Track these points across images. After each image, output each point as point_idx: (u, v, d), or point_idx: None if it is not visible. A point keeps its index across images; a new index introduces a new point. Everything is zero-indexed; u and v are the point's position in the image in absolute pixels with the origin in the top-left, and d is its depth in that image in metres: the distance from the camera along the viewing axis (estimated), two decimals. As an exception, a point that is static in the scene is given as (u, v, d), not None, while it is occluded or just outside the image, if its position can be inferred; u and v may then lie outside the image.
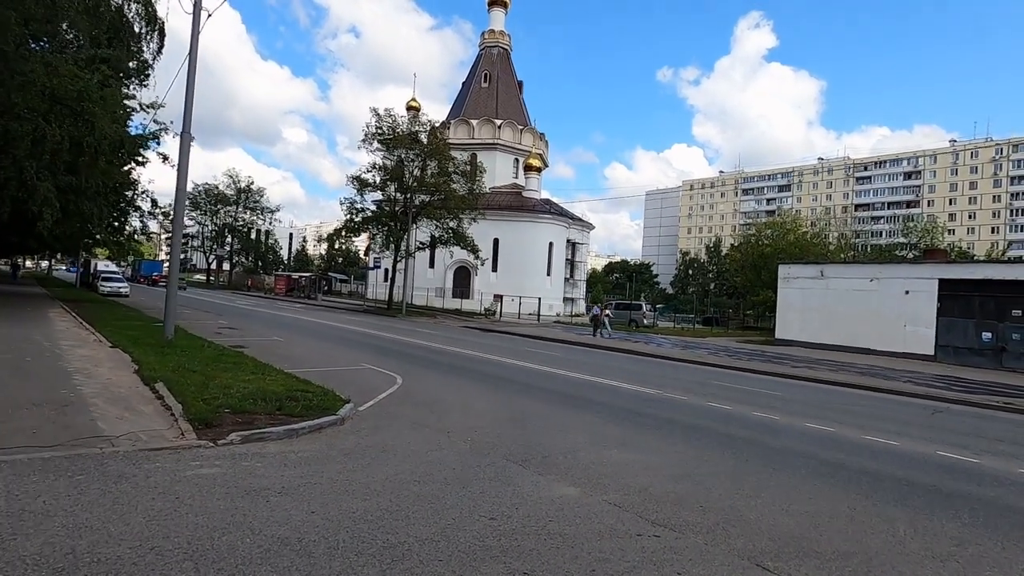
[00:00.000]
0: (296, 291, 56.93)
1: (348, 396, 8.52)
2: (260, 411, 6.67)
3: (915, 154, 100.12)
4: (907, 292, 25.66)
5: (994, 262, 28.16)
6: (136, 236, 26.74)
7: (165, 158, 21.84)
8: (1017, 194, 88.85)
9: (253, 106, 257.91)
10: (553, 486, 5.43)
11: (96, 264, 42.34)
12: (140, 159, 21.68)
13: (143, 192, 23.82)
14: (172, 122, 21.77)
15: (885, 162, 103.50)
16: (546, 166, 63.01)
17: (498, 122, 56.82)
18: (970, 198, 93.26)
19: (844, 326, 27.33)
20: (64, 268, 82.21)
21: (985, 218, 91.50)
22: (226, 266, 77.41)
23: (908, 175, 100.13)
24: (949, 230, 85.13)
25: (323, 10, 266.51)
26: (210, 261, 75.93)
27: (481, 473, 5.62)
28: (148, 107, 22.57)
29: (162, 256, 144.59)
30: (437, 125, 47.37)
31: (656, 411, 10.06)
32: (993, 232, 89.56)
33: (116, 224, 24.50)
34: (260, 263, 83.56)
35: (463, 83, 63.90)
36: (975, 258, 57.04)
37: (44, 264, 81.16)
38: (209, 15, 12.03)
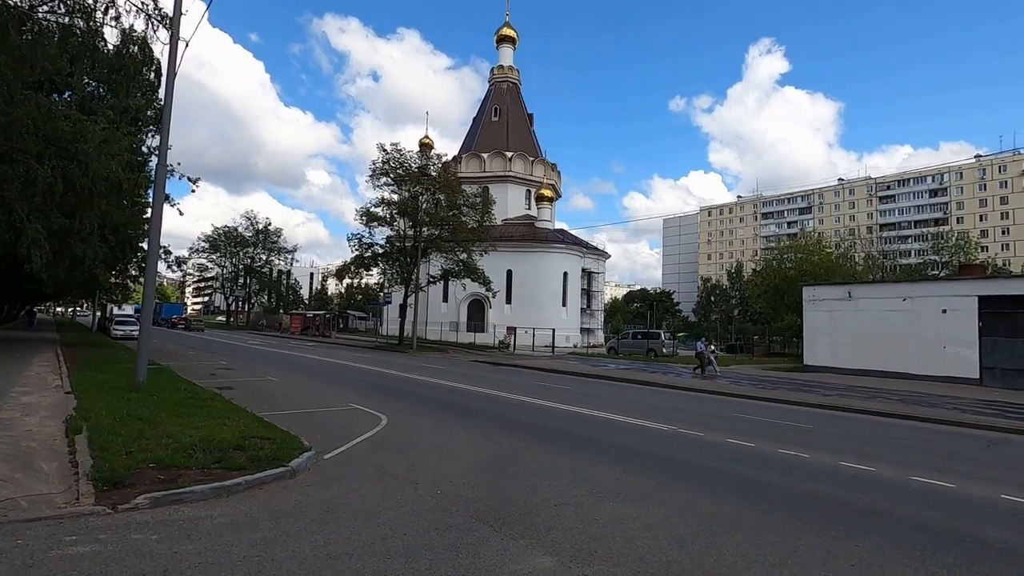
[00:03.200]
0: (311, 329, 56.68)
1: (315, 442, 7.60)
2: (194, 465, 5.76)
3: (940, 171, 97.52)
4: (944, 311, 23.95)
5: (1037, 276, 26.29)
6: (139, 279, 26.61)
7: (168, 198, 21.74)
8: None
9: (278, 151, 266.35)
10: (525, 556, 4.38)
11: (112, 309, 42.67)
12: (141, 200, 21.58)
13: (144, 233, 23.65)
14: (179, 163, 21.77)
15: (909, 180, 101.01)
16: (559, 196, 62.69)
17: (509, 154, 56.91)
18: (1002, 213, 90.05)
19: (877, 349, 25.59)
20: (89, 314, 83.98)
21: (1019, 233, 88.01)
22: (246, 307, 78.16)
23: (934, 192, 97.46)
24: (982, 247, 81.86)
25: (344, 56, 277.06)
26: (229, 302, 76.69)
27: (438, 539, 4.59)
28: (154, 150, 22.70)
29: (190, 301, 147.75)
30: (448, 159, 47.45)
31: (666, 451, 8.89)
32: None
33: (119, 267, 24.38)
34: (279, 303, 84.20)
35: (473, 118, 64.63)
36: (1012, 273, 54.27)
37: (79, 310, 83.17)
38: (187, 44, 11.74)
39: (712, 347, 25.50)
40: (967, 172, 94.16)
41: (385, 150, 36.60)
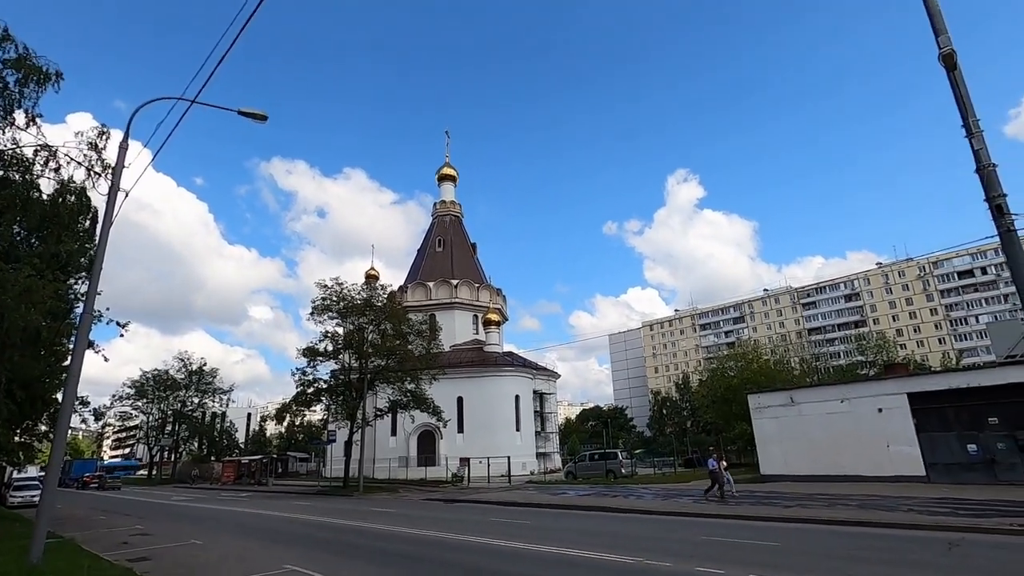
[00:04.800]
0: (245, 477, 51.98)
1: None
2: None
3: (849, 278, 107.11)
4: (880, 410, 24.91)
5: (957, 371, 28.19)
6: (49, 435, 24.06)
7: (91, 344, 20.50)
8: (951, 306, 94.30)
9: (219, 288, 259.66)
10: None
11: (11, 471, 37.80)
12: (60, 348, 20.22)
13: (61, 383, 21.86)
14: (108, 308, 20.90)
15: (824, 288, 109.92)
16: (506, 319, 63.75)
17: (454, 282, 58.36)
18: (910, 313, 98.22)
19: (827, 454, 25.91)
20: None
21: (929, 330, 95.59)
22: (172, 456, 71.17)
23: (848, 298, 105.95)
24: (900, 345, 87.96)
25: (290, 195, 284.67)
26: (154, 453, 69.79)
27: None
28: (82, 296, 21.80)
29: (108, 454, 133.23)
30: (394, 289, 47.96)
31: (635, 589, 8.28)
32: (941, 343, 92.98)
33: (26, 424, 22.09)
34: (212, 449, 77.49)
35: (419, 249, 66.76)
36: (932, 369, 57.99)
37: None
38: (126, 194, 11.86)
39: (725, 463, 22.31)
40: (872, 278, 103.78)
41: (325, 286, 36.59)
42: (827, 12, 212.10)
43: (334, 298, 36.26)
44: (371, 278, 57.83)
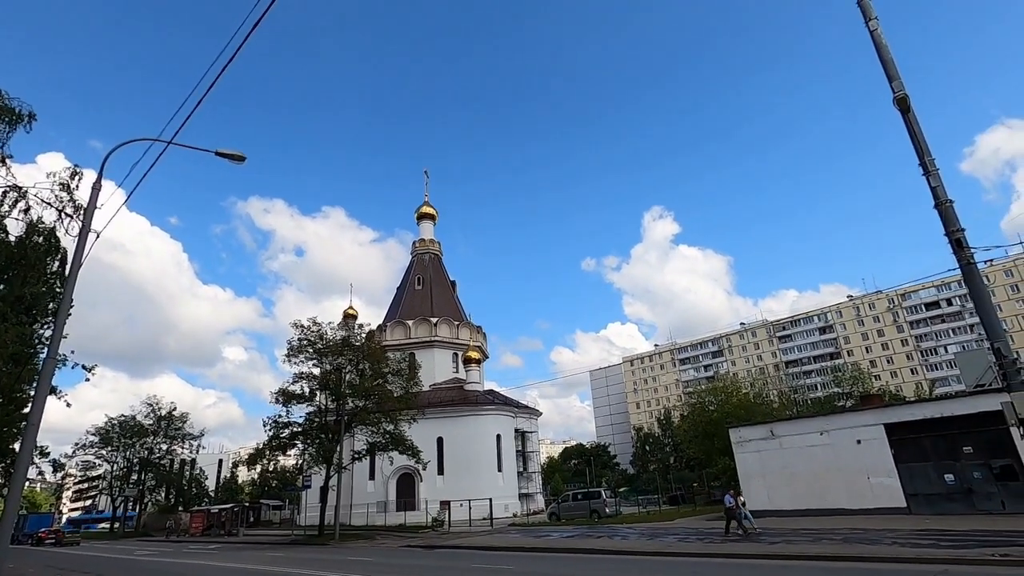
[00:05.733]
0: (215, 528, 49.57)
1: None
2: None
3: (822, 311, 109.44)
4: (859, 442, 25.10)
5: (930, 401, 28.70)
6: (4, 489, 22.82)
7: (54, 390, 19.72)
8: (920, 336, 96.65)
9: (192, 330, 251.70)
10: None
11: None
12: (20, 395, 19.41)
13: (20, 432, 20.88)
14: (73, 351, 20.20)
15: (799, 320, 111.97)
16: (486, 357, 63.29)
17: (434, 320, 58.02)
18: (882, 344, 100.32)
19: (809, 488, 25.89)
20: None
21: (902, 361, 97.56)
22: (138, 507, 67.62)
23: (822, 330, 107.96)
24: (875, 376, 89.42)
25: (268, 234, 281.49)
26: (116, 504, 66.25)
27: None
28: (46, 340, 21.09)
29: (68, 507, 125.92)
30: (373, 328, 47.46)
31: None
32: (913, 373, 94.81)
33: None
34: (180, 498, 73.91)
35: (398, 287, 66.54)
36: (906, 399, 58.93)
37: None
38: (97, 235, 11.61)
39: (742, 498, 21.96)
40: (845, 311, 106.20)
41: (301, 326, 35.91)
42: (801, 58, 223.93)
43: (311, 338, 35.57)
44: (350, 317, 57.16)
